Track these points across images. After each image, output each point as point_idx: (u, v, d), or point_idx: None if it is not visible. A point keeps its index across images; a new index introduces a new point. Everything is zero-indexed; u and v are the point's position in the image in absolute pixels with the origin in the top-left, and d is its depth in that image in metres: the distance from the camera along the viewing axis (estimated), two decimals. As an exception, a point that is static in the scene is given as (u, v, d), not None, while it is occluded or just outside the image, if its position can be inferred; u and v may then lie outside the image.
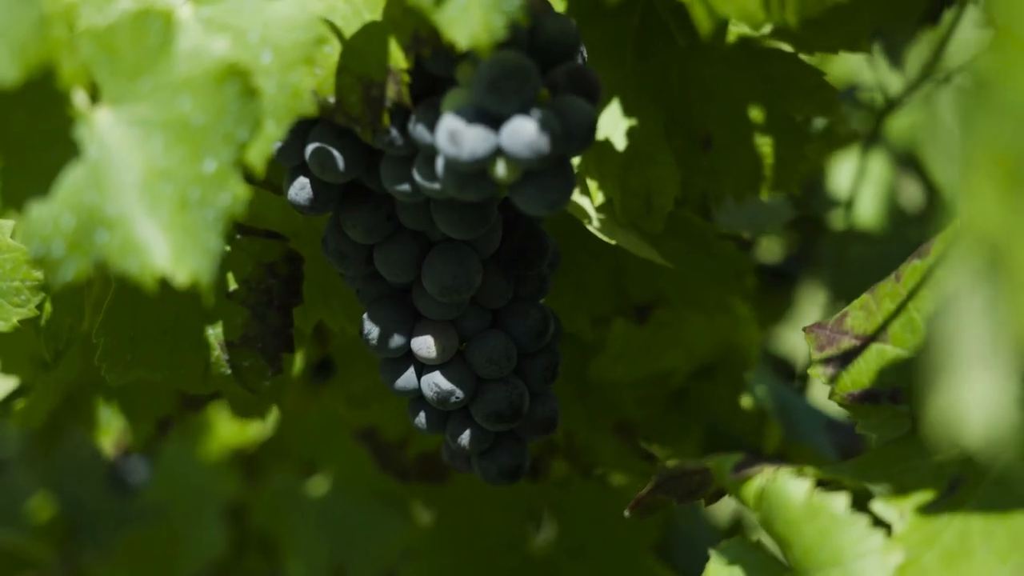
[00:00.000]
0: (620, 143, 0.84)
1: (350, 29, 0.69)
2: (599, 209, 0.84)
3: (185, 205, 0.60)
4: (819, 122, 1.16)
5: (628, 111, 0.84)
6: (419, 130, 0.69)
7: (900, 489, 0.67)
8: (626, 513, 0.72)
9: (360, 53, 0.69)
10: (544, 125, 0.66)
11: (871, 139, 1.18)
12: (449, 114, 0.67)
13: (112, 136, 0.60)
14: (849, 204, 1.24)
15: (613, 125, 0.84)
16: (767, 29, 0.83)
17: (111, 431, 0.98)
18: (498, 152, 0.67)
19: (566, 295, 0.91)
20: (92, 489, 1.42)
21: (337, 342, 0.97)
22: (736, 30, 0.84)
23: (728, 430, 1.03)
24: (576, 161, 0.84)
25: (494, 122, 0.66)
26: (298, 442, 1.23)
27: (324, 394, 1.14)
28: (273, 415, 1.20)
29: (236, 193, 0.61)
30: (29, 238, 0.59)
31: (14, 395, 0.94)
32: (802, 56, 0.84)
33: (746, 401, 1.04)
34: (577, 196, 0.84)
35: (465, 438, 0.80)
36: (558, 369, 0.81)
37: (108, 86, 0.60)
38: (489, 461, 0.81)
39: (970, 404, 0.38)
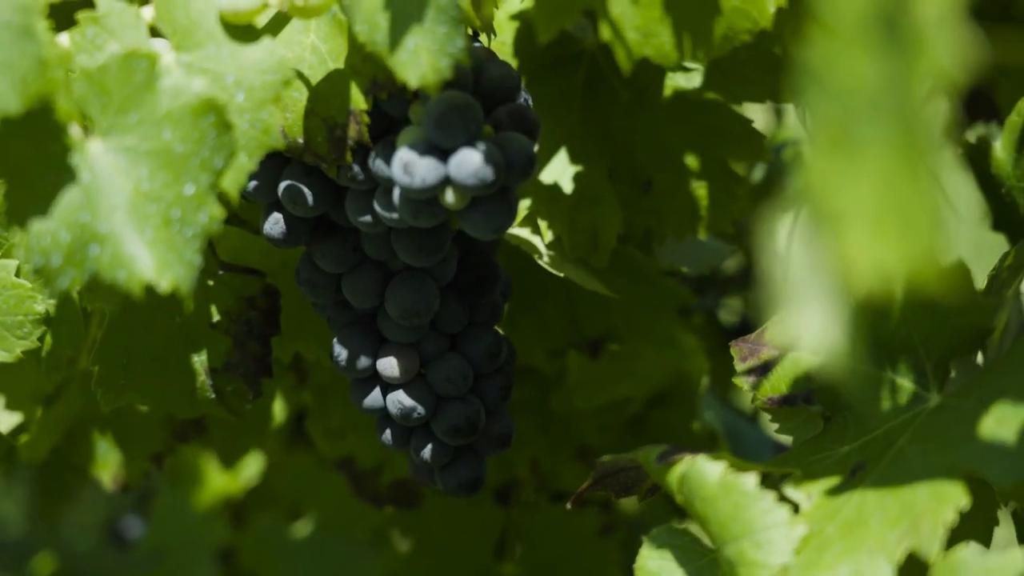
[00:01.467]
0: (568, 187, 0.92)
1: (316, 77, 0.77)
2: (549, 246, 0.92)
3: (168, 223, 0.69)
4: (759, 171, 1.25)
5: (575, 158, 0.93)
6: (378, 164, 0.78)
7: (809, 476, 0.74)
8: (568, 506, 0.80)
9: (325, 98, 0.78)
10: (488, 156, 0.75)
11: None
12: (403, 148, 0.75)
13: (103, 163, 0.68)
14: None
15: (562, 170, 0.93)
16: (697, 81, 0.92)
17: (109, 465, 1.06)
18: (447, 181, 0.75)
19: (524, 331, 1.00)
20: (92, 546, 1.49)
21: (314, 379, 1.05)
22: (672, 84, 0.93)
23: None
24: (527, 203, 0.93)
25: (443, 154, 0.75)
26: (283, 488, 1.31)
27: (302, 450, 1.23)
28: (260, 465, 1.28)
29: (213, 213, 0.69)
30: (31, 251, 0.67)
31: (18, 429, 1.02)
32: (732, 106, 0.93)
33: (697, 426, 1.12)
34: (529, 235, 0.93)
35: (427, 452, 0.88)
36: (511, 390, 0.89)
37: (99, 119, 0.68)
38: (450, 474, 0.89)
39: (806, 328, 0.46)
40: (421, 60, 0.70)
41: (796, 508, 0.73)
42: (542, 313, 1.00)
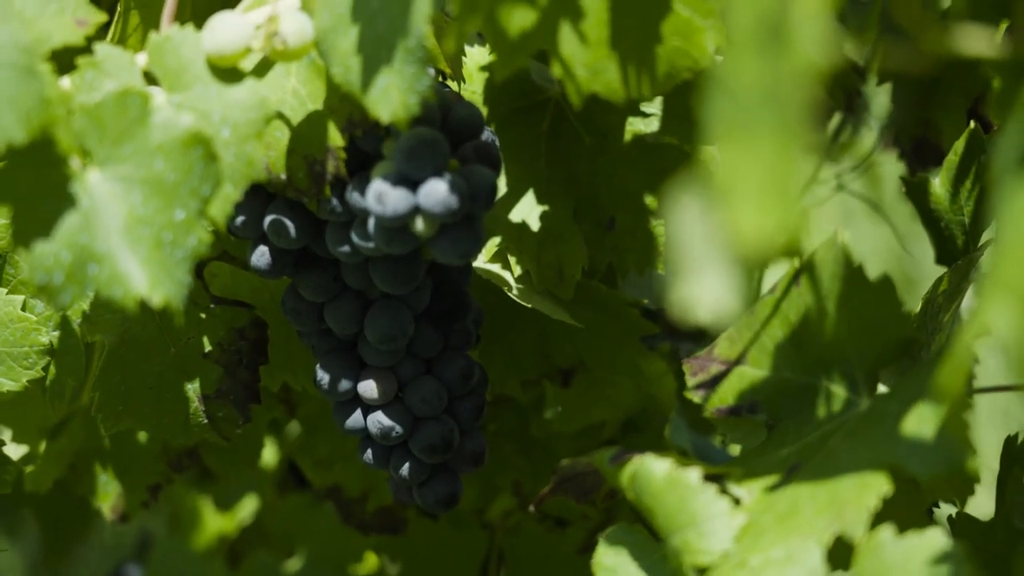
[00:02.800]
0: (535, 225, 0.99)
1: (297, 117, 0.85)
2: (518, 279, 0.99)
3: (160, 245, 0.76)
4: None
5: (541, 199, 1.00)
6: (354, 197, 0.85)
7: (750, 474, 0.81)
8: (531, 508, 0.86)
9: (305, 136, 0.85)
10: (454, 186, 0.82)
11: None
12: (377, 180, 0.83)
13: (100, 190, 0.75)
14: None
15: (529, 210, 1.00)
16: (655, 126, 0.99)
17: (109, 496, 1.12)
18: (416, 210, 0.82)
19: (499, 362, 1.06)
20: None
21: (303, 411, 1.12)
22: (632, 129, 1.00)
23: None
24: (497, 240, 1.00)
25: (413, 185, 0.82)
26: (276, 526, 1.38)
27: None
28: (254, 505, 1.35)
29: (201, 237, 0.76)
30: (35, 270, 0.74)
31: (24, 461, 1.09)
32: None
33: (669, 446, 1.18)
34: (499, 270, 1.00)
35: (406, 470, 0.94)
36: (483, 411, 0.95)
37: (97, 151, 0.75)
38: (427, 491, 0.95)
39: (701, 293, 0.52)
40: (392, 98, 0.77)
41: (738, 503, 0.79)
42: (515, 346, 1.06)
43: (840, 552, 0.74)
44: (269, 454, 1.33)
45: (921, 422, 0.75)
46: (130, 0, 0.97)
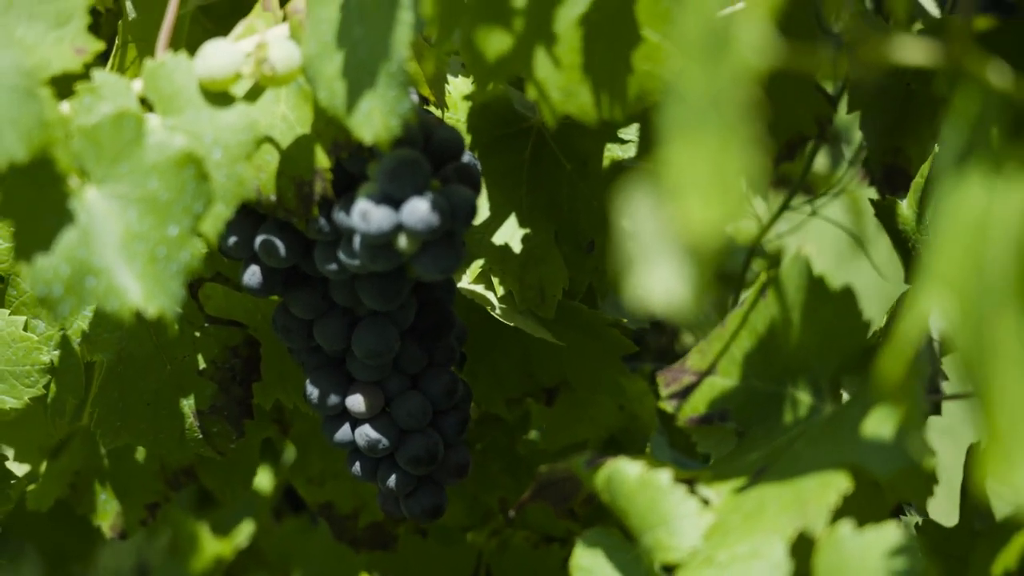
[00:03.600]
0: (517, 248, 1.03)
1: (286, 141, 0.89)
2: (501, 299, 1.03)
3: (154, 260, 0.80)
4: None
5: (524, 223, 1.04)
6: (340, 216, 0.89)
7: (719, 477, 0.84)
8: (511, 514, 0.90)
9: (294, 159, 0.89)
10: (434, 205, 0.86)
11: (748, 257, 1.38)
12: (361, 199, 0.87)
13: (98, 207, 0.79)
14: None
15: (512, 233, 1.04)
16: (632, 152, 1.04)
17: (108, 515, 1.16)
18: (399, 227, 0.86)
19: (484, 381, 1.10)
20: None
21: (296, 431, 1.16)
22: (610, 155, 1.05)
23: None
24: (481, 262, 1.04)
25: (395, 203, 0.86)
26: (271, 548, 1.41)
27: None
28: (250, 529, 1.39)
29: (194, 252, 0.80)
30: (35, 282, 0.78)
31: (27, 479, 1.13)
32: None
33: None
34: (483, 290, 1.04)
35: (392, 481, 0.98)
36: (467, 425, 0.99)
37: (94, 170, 0.80)
38: (414, 502, 0.99)
39: (654, 283, 0.56)
40: (374, 120, 0.81)
41: (707, 504, 0.82)
42: (499, 365, 1.10)
43: (804, 547, 0.77)
44: (265, 480, 1.36)
45: (880, 424, 0.79)
46: (128, 34, 1.01)
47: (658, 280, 0.56)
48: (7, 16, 0.80)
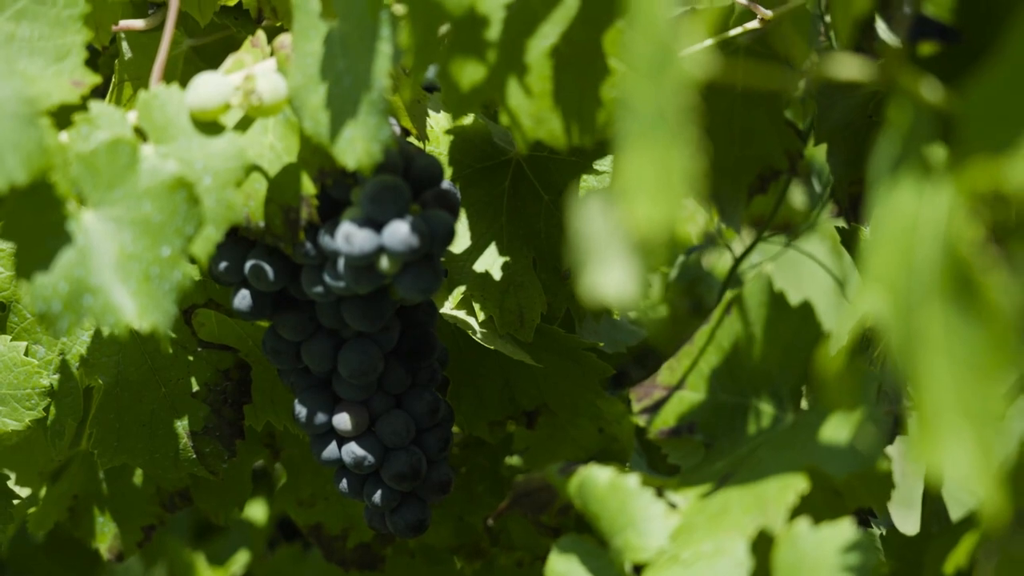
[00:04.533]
0: (497, 274, 1.08)
1: (274, 170, 0.93)
2: (482, 324, 1.08)
3: (148, 279, 0.84)
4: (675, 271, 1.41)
5: (503, 251, 1.09)
6: (326, 240, 0.93)
7: (686, 484, 0.89)
8: (489, 522, 0.94)
9: (281, 187, 0.93)
10: (415, 227, 0.91)
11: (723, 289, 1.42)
12: (345, 222, 0.91)
13: (94, 229, 0.84)
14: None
15: (492, 261, 1.09)
16: (607, 182, 1.08)
17: (106, 537, 1.20)
18: (381, 249, 0.91)
19: (468, 405, 1.15)
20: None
21: (286, 454, 1.20)
22: (586, 186, 1.09)
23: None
24: (463, 288, 1.08)
25: (377, 226, 0.91)
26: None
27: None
28: (245, 559, 1.43)
29: (185, 271, 0.85)
30: (35, 299, 0.83)
31: (27, 503, 1.17)
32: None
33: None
34: (465, 315, 1.08)
35: (378, 497, 1.02)
36: (449, 443, 1.03)
37: (91, 194, 0.84)
38: (398, 517, 1.03)
39: (606, 280, 0.61)
40: (357, 147, 0.86)
41: (675, 508, 0.87)
42: (482, 389, 1.14)
43: (764, 545, 0.82)
44: (259, 512, 1.40)
45: (837, 428, 0.83)
46: (124, 72, 1.06)
47: (610, 275, 0.61)
48: (9, 49, 0.85)
